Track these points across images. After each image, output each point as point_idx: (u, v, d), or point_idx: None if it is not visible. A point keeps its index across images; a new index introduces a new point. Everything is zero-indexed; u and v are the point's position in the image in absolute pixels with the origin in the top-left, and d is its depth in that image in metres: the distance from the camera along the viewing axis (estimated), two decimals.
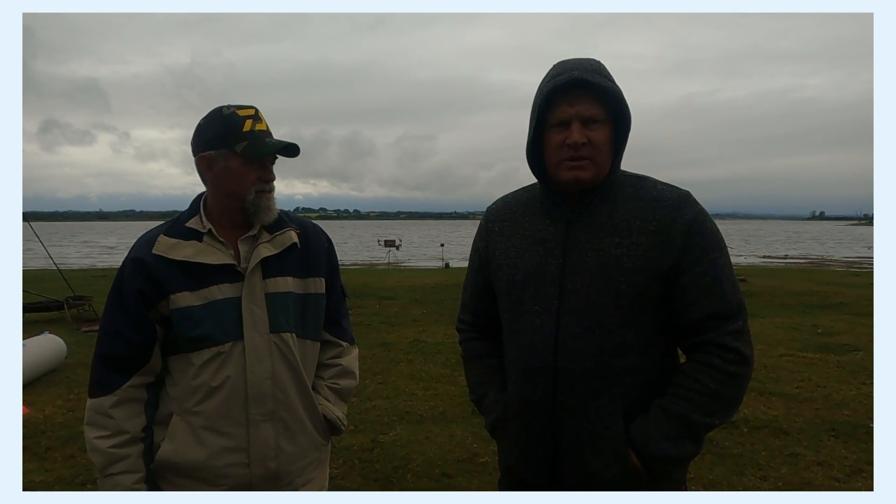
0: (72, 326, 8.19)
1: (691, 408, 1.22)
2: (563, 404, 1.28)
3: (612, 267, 1.25)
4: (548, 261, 1.31)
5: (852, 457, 3.70)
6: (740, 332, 1.23)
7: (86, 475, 3.47)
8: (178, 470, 1.40)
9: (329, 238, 1.63)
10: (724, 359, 1.22)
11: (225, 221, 1.45)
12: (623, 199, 1.30)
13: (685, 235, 1.24)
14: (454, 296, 11.24)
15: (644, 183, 1.33)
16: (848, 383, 5.33)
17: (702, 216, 1.27)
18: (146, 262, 1.39)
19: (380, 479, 3.47)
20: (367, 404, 4.76)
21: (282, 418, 1.44)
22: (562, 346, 1.27)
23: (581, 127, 1.25)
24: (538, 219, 1.37)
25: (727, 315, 1.24)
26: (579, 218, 1.31)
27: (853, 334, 7.46)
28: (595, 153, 1.26)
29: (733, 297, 1.25)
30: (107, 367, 1.39)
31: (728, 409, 1.26)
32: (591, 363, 1.26)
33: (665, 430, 1.23)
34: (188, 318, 1.37)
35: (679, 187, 1.32)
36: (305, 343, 1.51)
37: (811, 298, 10.74)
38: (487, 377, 1.47)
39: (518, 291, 1.34)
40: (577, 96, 1.25)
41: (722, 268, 1.25)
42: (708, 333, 1.24)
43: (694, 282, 1.24)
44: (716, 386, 1.22)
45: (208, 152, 1.41)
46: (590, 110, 1.25)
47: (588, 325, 1.26)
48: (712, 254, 1.25)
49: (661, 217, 1.26)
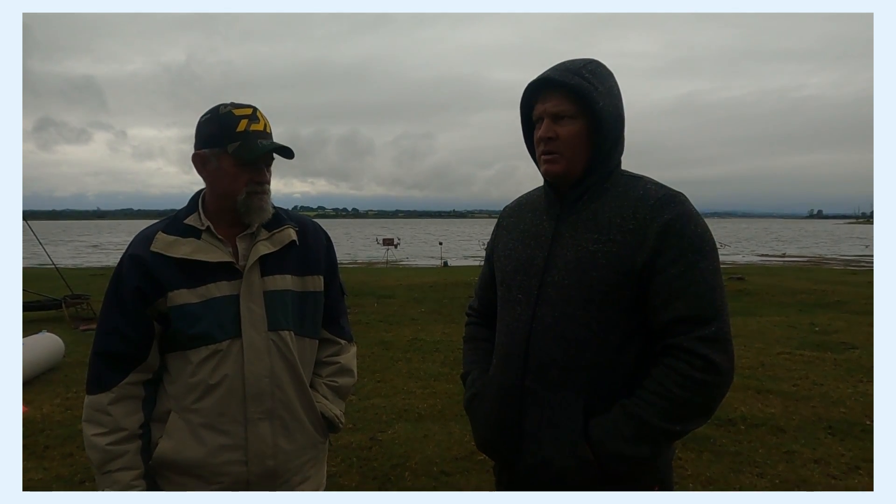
0: (70, 325, 8.19)
1: (651, 411, 1.20)
2: (529, 390, 1.31)
3: (587, 262, 1.27)
4: (536, 254, 1.35)
5: (849, 454, 3.71)
6: (713, 340, 1.19)
7: (84, 473, 3.46)
8: (176, 467, 1.40)
9: (328, 236, 1.63)
10: (691, 365, 1.19)
11: (223, 219, 1.45)
12: (612, 197, 1.32)
13: (661, 235, 1.23)
14: (453, 294, 11.24)
15: (635, 182, 1.34)
16: (845, 381, 5.34)
17: (685, 217, 1.25)
18: (144, 259, 1.39)
19: (378, 477, 3.47)
20: (365, 403, 4.77)
21: (280, 416, 1.44)
22: (534, 335, 1.31)
23: (550, 123, 1.30)
24: (538, 215, 1.42)
25: (699, 320, 1.20)
26: (569, 214, 1.34)
27: (850, 332, 7.48)
28: (563, 147, 1.30)
29: (710, 301, 1.21)
30: (104, 364, 1.39)
31: (693, 418, 1.22)
32: (559, 354, 1.28)
33: (622, 429, 1.22)
34: (186, 315, 1.37)
35: (670, 188, 1.31)
36: (304, 341, 1.51)
37: (809, 297, 10.76)
38: (476, 357, 1.55)
39: (508, 281, 1.40)
40: (547, 94, 1.31)
41: (701, 272, 1.22)
42: (676, 337, 1.21)
43: (667, 283, 1.22)
44: (679, 392, 1.19)
45: (203, 150, 1.41)
46: (557, 106, 1.29)
47: (559, 315, 1.28)
48: (690, 256, 1.22)
49: (640, 215, 1.26)
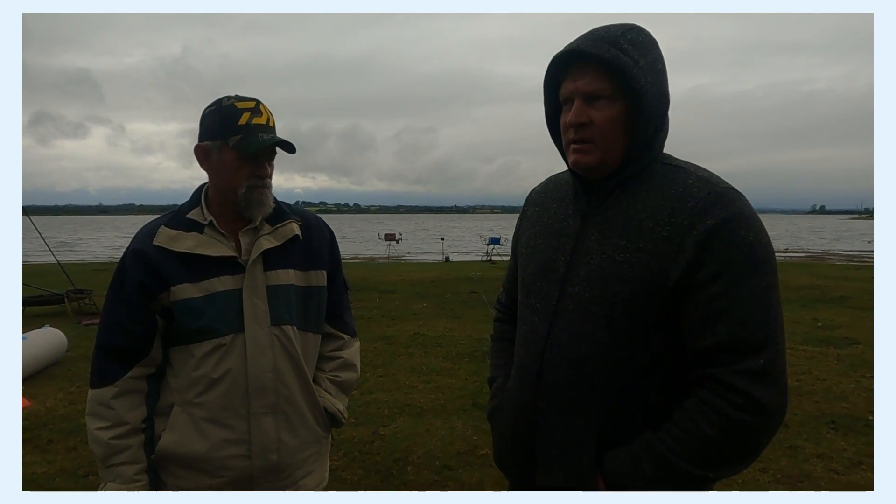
0: (72, 320, 8.20)
1: (678, 451, 1.03)
2: (541, 412, 1.17)
3: (611, 274, 1.08)
4: (557, 257, 1.17)
5: (851, 449, 3.72)
6: (759, 374, 0.99)
7: (88, 467, 3.48)
8: (179, 461, 1.40)
9: (331, 230, 1.63)
10: (730, 402, 1.00)
11: (225, 213, 1.45)
12: (647, 193, 1.10)
13: (703, 245, 1.02)
14: (455, 290, 11.25)
15: (676, 175, 1.10)
16: (848, 376, 5.34)
17: (735, 221, 1.03)
18: (147, 253, 1.39)
19: (381, 471, 3.48)
20: (367, 397, 4.78)
21: (283, 411, 1.44)
22: (549, 352, 1.15)
23: (582, 105, 1.08)
24: (563, 208, 1.22)
25: (744, 349, 1.00)
26: (596, 213, 1.14)
27: (853, 328, 7.46)
28: (597, 135, 1.08)
29: (758, 327, 1.00)
30: (108, 358, 1.39)
31: (729, 464, 1.03)
32: (574, 375, 1.12)
33: (643, 468, 1.05)
34: (189, 309, 1.37)
35: (720, 183, 1.08)
36: (307, 336, 1.51)
37: (812, 292, 10.74)
38: (502, 361, 1.39)
39: (528, 285, 1.24)
40: (580, 69, 1.07)
41: (750, 289, 1.01)
42: (716, 368, 1.02)
43: (706, 303, 1.02)
44: (713, 432, 1.01)
45: (205, 143, 1.41)
46: (591, 85, 1.06)
47: (576, 333, 1.12)
48: (739, 270, 1.01)
49: (678, 220, 1.04)
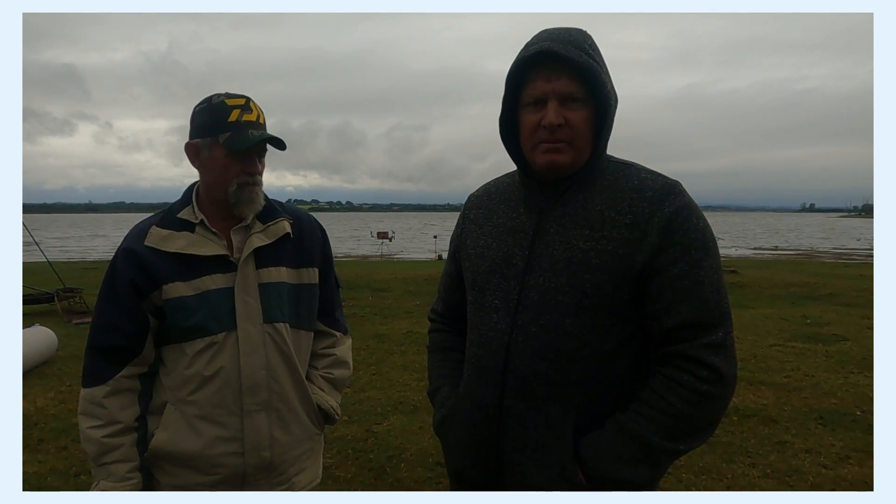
0: (63, 319, 8.15)
1: (652, 428, 1.07)
2: (509, 409, 1.15)
3: (578, 262, 1.11)
4: (514, 252, 1.18)
5: (839, 444, 3.76)
6: (720, 346, 1.07)
7: (80, 466, 3.46)
8: (173, 459, 1.40)
9: (323, 228, 1.63)
10: (697, 375, 1.06)
11: (216, 211, 1.45)
12: (602, 188, 1.16)
13: (663, 231, 1.09)
14: None
15: (627, 171, 1.17)
16: (836, 372, 5.40)
17: (687, 210, 1.11)
18: (138, 252, 1.39)
19: (374, 468, 3.49)
20: (360, 395, 4.78)
21: (276, 408, 1.44)
22: (514, 347, 1.14)
23: (558, 106, 1.10)
24: (513, 207, 1.24)
25: (706, 324, 1.08)
26: (553, 208, 1.17)
27: (841, 325, 7.55)
28: (573, 136, 1.12)
29: (716, 304, 1.09)
30: (100, 357, 1.39)
31: (698, 434, 1.10)
32: (544, 367, 1.12)
33: (619, 450, 1.08)
34: (181, 308, 1.37)
35: (667, 177, 1.16)
36: (299, 333, 1.51)
37: (801, 289, 10.84)
38: (445, 371, 1.37)
39: (481, 283, 1.23)
40: (555, 71, 1.10)
41: (705, 270, 1.09)
42: (681, 344, 1.08)
43: (669, 284, 1.08)
44: (683, 406, 1.06)
45: (195, 140, 1.41)
46: (568, 87, 1.10)
47: (544, 324, 1.12)
48: (694, 254, 1.09)
49: (638, 209, 1.11)
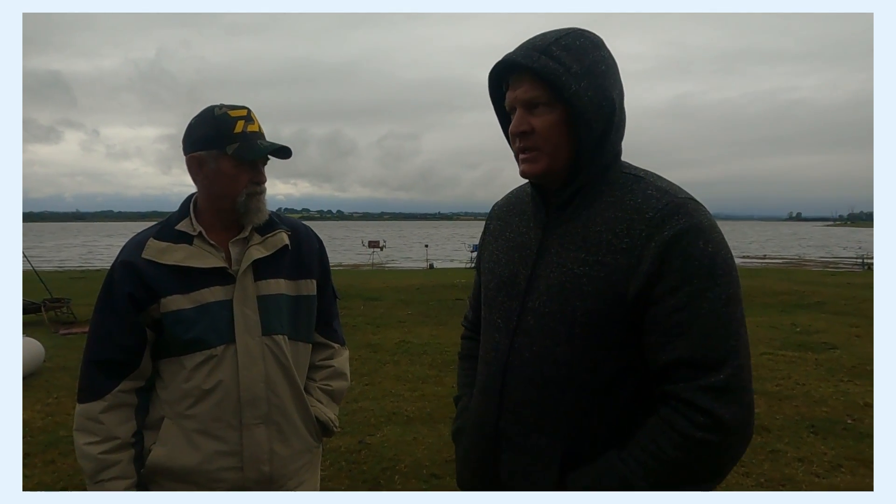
0: (50, 329, 8.03)
1: (637, 473, 0.99)
2: (503, 432, 1.13)
3: (571, 288, 1.05)
4: (518, 271, 1.14)
5: (831, 452, 3.79)
6: (720, 390, 0.95)
7: (66, 480, 3.41)
8: (171, 474, 1.38)
9: (320, 240, 1.64)
10: (692, 421, 0.96)
11: (216, 223, 1.44)
12: (606, 205, 1.07)
13: (661, 257, 0.98)
14: (440, 297, 11.24)
15: (636, 185, 1.08)
16: (826, 381, 5.45)
17: (692, 233, 0.99)
18: (136, 265, 1.37)
19: (368, 480, 3.46)
20: (353, 406, 4.75)
21: (275, 421, 1.43)
22: (510, 370, 1.11)
23: (524, 113, 1.07)
24: (525, 220, 1.20)
25: (704, 364, 0.96)
26: (556, 224, 1.12)
27: (831, 333, 7.63)
28: (541, 141, 1.07)
29: (720, 341, 0.97)
30: (97, 371, 1.37)
31: (692, 484, 0.99)
32: (535, 395, 1.08)
33: (605, 488, 1.02)
34: (180, 321, 1.36)
35: (680, 194, 1.05)
36: (297, 345, 1.50)
37: (790, 298, 10.95)
38: (468, 380, 1.34)
39: (490, 301, 1.20)
40: (517, 79, 1.07)
41: (710, 302, 0.97)
42: (675, 385, 0.99)
43: (665, 317, 0.98)
44: (675, 453, 0.96)
45: (199, 153, 1.40)
46: (528, 93, 1.05)
47: (538, 350, 1.08)
48: (697, 283, 0.97)
49: (636, 231, 1.02)
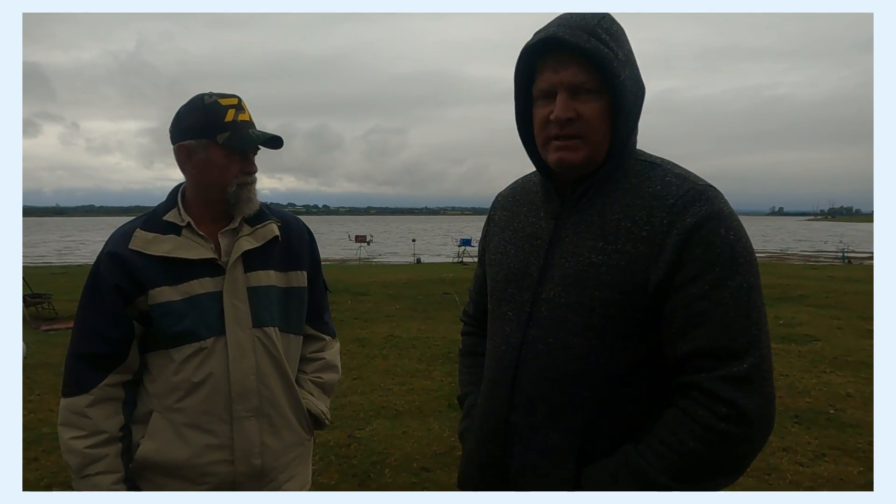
0: (31, 325, 7.90)
1: (659, 467, 0.95)
2: (514, 427, 1.09)
3: (588, 278, 1.01)
4: (530, 262, 1.11)
5: (815, 442, 3.85)
6: (742, 380, 0.93)
7: (50, 478, 3.36)
8: (160, 469, 1.36)
9: (310, 231, 1.62)
10: (713, 412, 0.93)
11: (205, 214, 1.42)
12: (623, 192, 1.04)
13: (683, 245, 0.96)
14: (427, 291, 11.24)
15: (653, 172, 1.04)
16: (809, 372, 5.54)
17: (714, 220, 0.97)
18: (123, 256, 1.35)
19: (358, 474, 3.45)
20: (342, 400, 4.73)
21: (266, 414, 1.41)
22: (523, 363, 1.08)
23: (568, 98, 0.99)
24: (534, 211, 1.16)
25: (726, 353, 0.94)
26: (570, 213, 1.08)
27: (813, 325, 7.75)
28: (586, 130, 1.01)
29: (741, 330, 0.94)
30: (83, 365, 1.35)
31: (713, 478, 0.96)
32: (549, 388, 1.05)
33: (620, 485, 0.99)
34: (169, 313, 1.33)
35: (699, 181, 1.03)
36: (289, 337, 1.48)
37: (773, 291, 11.09)
38: (473, 377, 1.31)
39: (498, 293, 1.16)
40: (563, 60, 0.99)
41: (731, 290, 0.95)
42: (696, 375, 0.96)
43: (686, 306, 0.96)
44: (696, 445, 0.94)
45: (188, 141, 1.37)
46: (577, 77, 0.99)
47: (552, 342, 1.05)
48: (719, 271, 0.95)
49: (657, 219, 0.98)
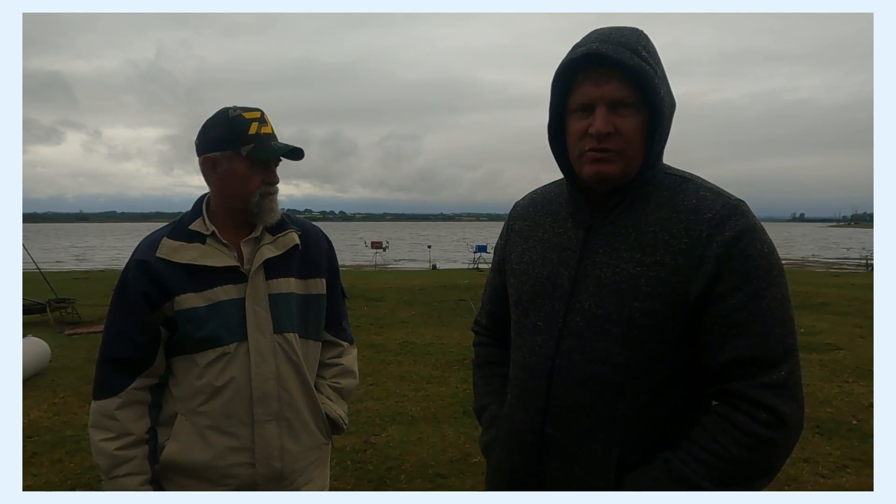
0: (55, 329, 8.07)
1: (703, 472, 0.98)
2: (551, 439, 1.09)
3: (627, 289, 1.03)
4: (560, 272, 1.11)
5: (836, 453, 3.79)
6: (781, 386, 0.98)
7: (74, 479, 3.43)
8: (183, 470, 1.40)
9: (329, 240, 1.66)
10: (755, 418, 0.97)
11: (228, 223, 1.46)
12: (656, 205, 1.06)
13: (722, 258, 1.00)
14: (442, 297, 11.25)
15: (685, 186, 1.08)
16: (830, 381, 5.45)
17: (750, 234, 1.01)
18: (150, 264, 1.39)
19: (373, 479, 3.48)
20: (358, 406, 4.76)
21: (286, 418, 1.45)
22: (557, 373, 1.08)
23: (607, 112, 1.02)
24: (560, 221, 1.17)
25: (766, 361, 0.98)
26: (602, 225, 1.09)
27: (835, 333, 7.62)
28: (624, 145, 1.03)
29: (779, 339, 0.99)
30: (112, 369, 1.39)
31: (751, 481, 0.99)
32: (588, 399, 1.06)
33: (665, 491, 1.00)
34: (193, 319, 1.38)
35: (731, 196, 1.07)
36: (308, 343, 1.52)
37: (793, 299, 10.69)
38: (492, 388, 1.31)
39: (525, 303, 1.16)
40: (604, 75, 1.02)
41: (768, 301, 1.00)
42: (737, 382, 0.99)
43: (726, 316, 0.99)
44: (738, 451, 0.97)
45: (213, 154, 1.42)
46: (618, 92, 1.01)
47: (589, 353, 1.06)
48: (756, 283, 1.00)
49: (695, 232, 1.02)
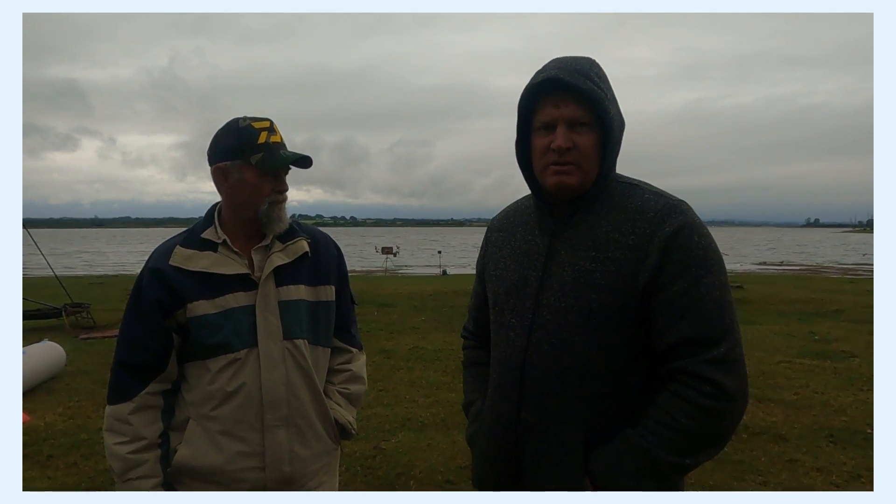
0: (70, 334, 8.18)
1: (658, 444, 1.12)
2: (525, 423, 1.23)
3: (585, 283, 1.18)
4: (529, 274, 1.26)
5: (851, 462, 3.73)
6: (721, 361, 1.11)
7: (88, 482, 3.47)
8: (195, 474, 1.43)
9: (338, 247, 1.68)
10: (700, 391, 1.10)
11: (239, 231, 1.49)
12: (608, 209, 1.22)
13: (664, 250, 1.14)
14: (453, 303, 11.25)
15: (633, 192, 1.23)
16: (845, 390, 5.37)
17: (688, 229, 1.15)
18: (164, 272, 1.43)
19: (383, 485, 3.48)
20: (367, 411, 4.77)
21: (295, 423, 1.47)
22: (529, 363, 1.22)
23: (566, 130, 1.18)
24: (529, 229, 1.32)
25: (706, 340, 1.11)
26: (563, 230, 1.25)
27: (849, 341, 7.51)
28: (581, 158, 1.19)
29: (717, 320, 1.12)
30: (126, 374, 1.43)
31: (704, 449, 1.13)
32: (556, 384, 1.20)
33: (626, 464, 1.13)
34: (205, 325, 1.41)
35: (672, 197, 1.22)
36: (317, 349, 1.54)
37: (807, 306, 10.80)
38: (477, 386, 1.45)
39: (501, 304, 1.31)
40: (563, 98, 1.18)
41: (706, 287, 1.13)
42: (682, 360, 1.13)
43: (670, 302, 1.13)
44: (688, 422, 1.10)
45: (224, 163, 1.45)
46: (575, 112, 1.18)
47: (556, 342, 1.20)
48: (695, 271, 1.13)
49: (640, 230, 1.17)
